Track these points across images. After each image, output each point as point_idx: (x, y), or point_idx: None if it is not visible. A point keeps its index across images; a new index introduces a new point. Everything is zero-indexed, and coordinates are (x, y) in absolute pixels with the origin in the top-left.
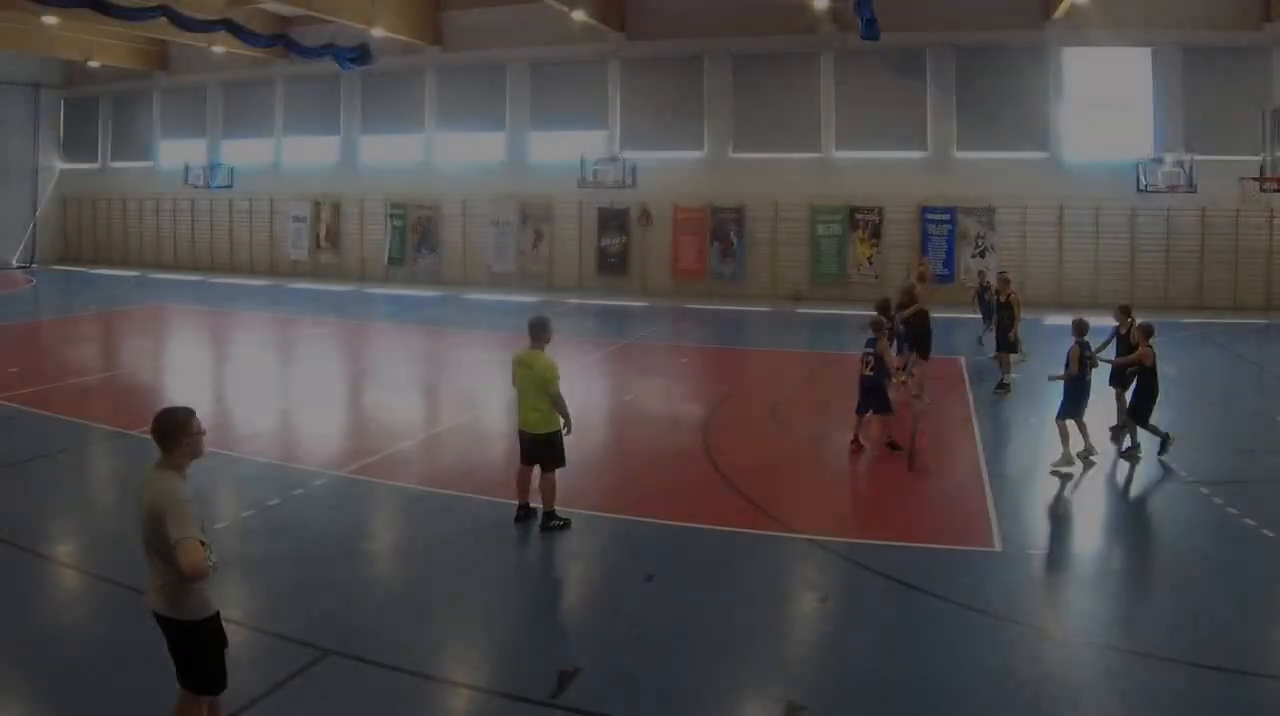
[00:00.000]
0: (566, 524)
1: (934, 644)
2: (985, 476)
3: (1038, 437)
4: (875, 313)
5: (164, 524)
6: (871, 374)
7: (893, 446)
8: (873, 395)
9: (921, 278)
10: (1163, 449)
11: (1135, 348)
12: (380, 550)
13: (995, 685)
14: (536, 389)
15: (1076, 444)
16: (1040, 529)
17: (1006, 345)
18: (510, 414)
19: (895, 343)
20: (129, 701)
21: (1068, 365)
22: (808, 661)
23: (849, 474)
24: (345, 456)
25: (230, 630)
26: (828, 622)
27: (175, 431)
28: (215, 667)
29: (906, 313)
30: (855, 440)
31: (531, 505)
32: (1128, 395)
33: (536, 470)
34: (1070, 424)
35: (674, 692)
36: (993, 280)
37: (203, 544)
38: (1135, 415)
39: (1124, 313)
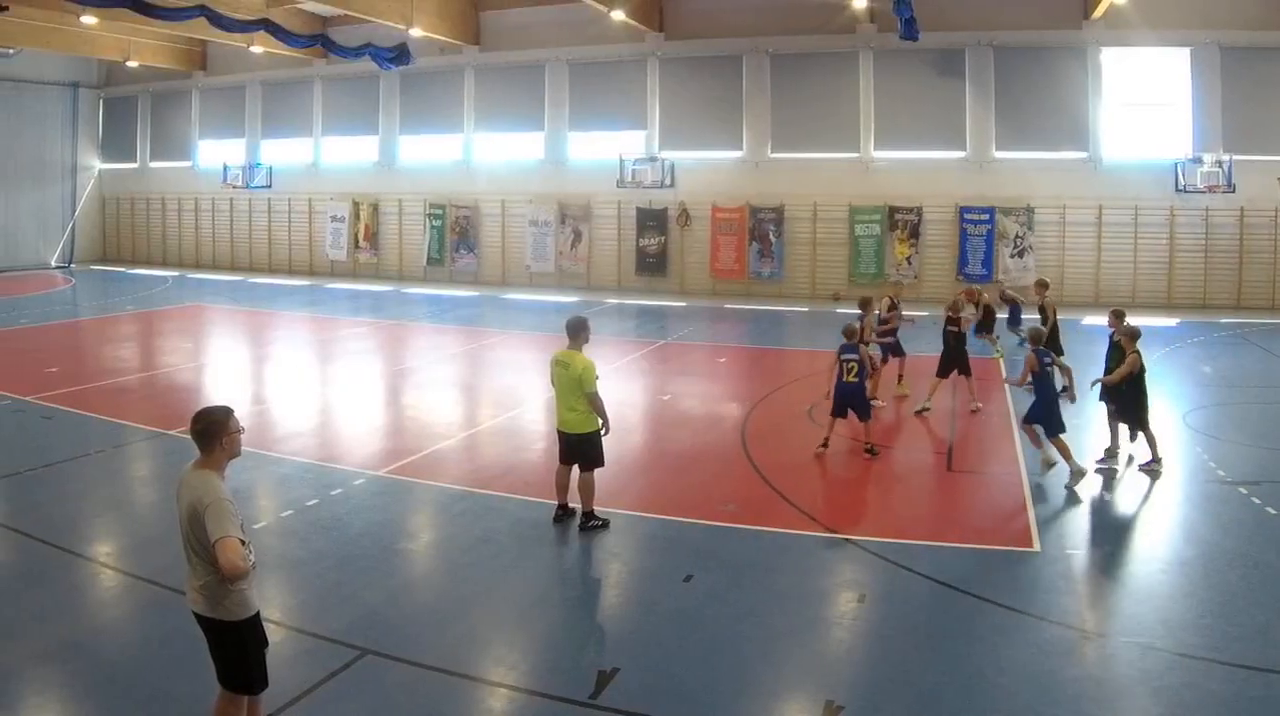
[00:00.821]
0: (605, 524)
1: (972, 643)
2: (1024, 476)
3: (1077, 439)
4: (861, 311)
5: (203, 523)
6: (855, 381)
7: (870, 451)
8: (857, 400)
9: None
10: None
11: (1124, 354)
12: (419, 550)
13: (1035, 685)
14: (573, 389)
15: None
16: (1079, 529)
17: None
18: (549, 413)
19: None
20: (168, 701)
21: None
22: (846, 661)
23: (888, 474)
24: (384, 456)
25: (270, 629)
26: (866, 622)
27: (215, 430)
28: (255, 667)
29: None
30: (825, 443)
31: (570, 505)
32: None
33: (575, 470)
34: (1045, 435)
35: (712, 692)
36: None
37: (243, 543)
38: (1140, 424)
39: (1117, 317)
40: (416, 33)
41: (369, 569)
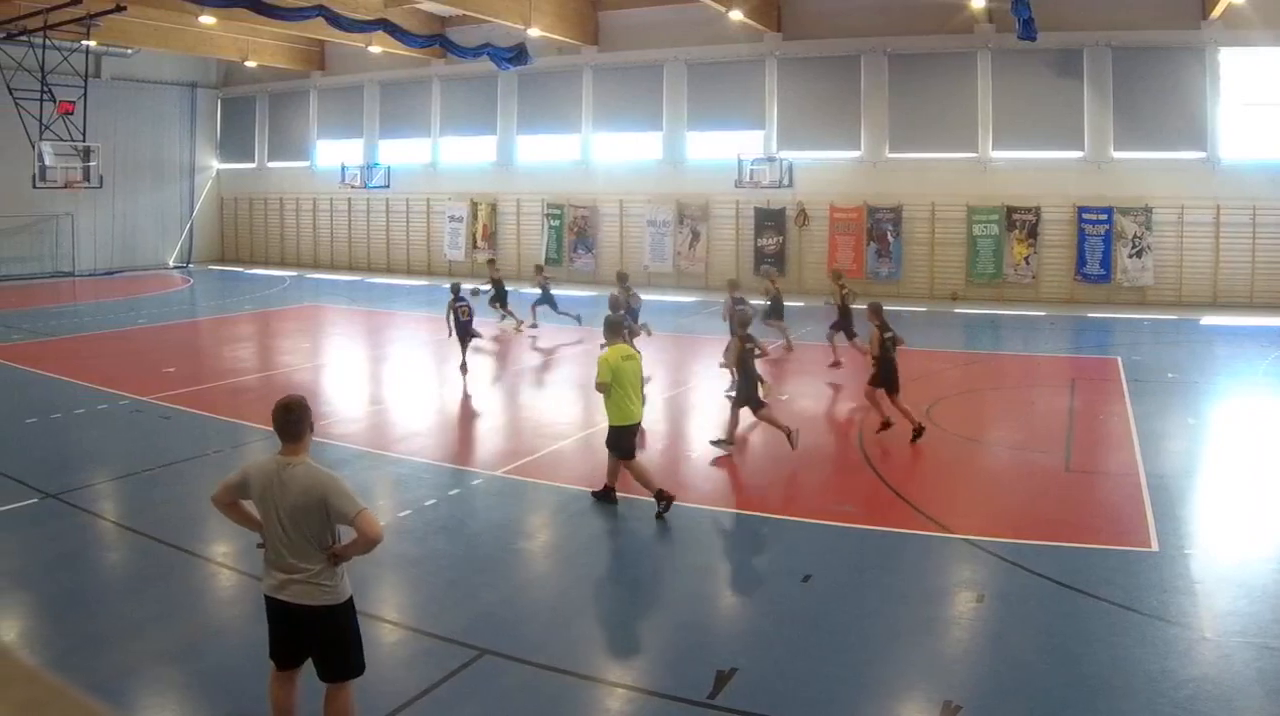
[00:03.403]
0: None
1: (1090, 644)
2: (1142, 475)
3: (1197, 437)
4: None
5: (329, 507)
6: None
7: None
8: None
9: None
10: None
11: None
12: (536, 549)
13: (1151, 685)
14: (639, 379)
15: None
16: (1198, 529)
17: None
18: (666, 413)
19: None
20: None
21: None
22: (964, 660)
23: (1005, 473)
24: (501, 456)
25: (387, 629)
26: (984, 622)
27: (306, 417)
28: (360, 648)
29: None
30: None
31: (664, 489)
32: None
33: (610, 456)
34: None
35: (831, 691)
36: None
37: None
38: (744, 404)
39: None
40: (535, 33)
41: (487, 569)
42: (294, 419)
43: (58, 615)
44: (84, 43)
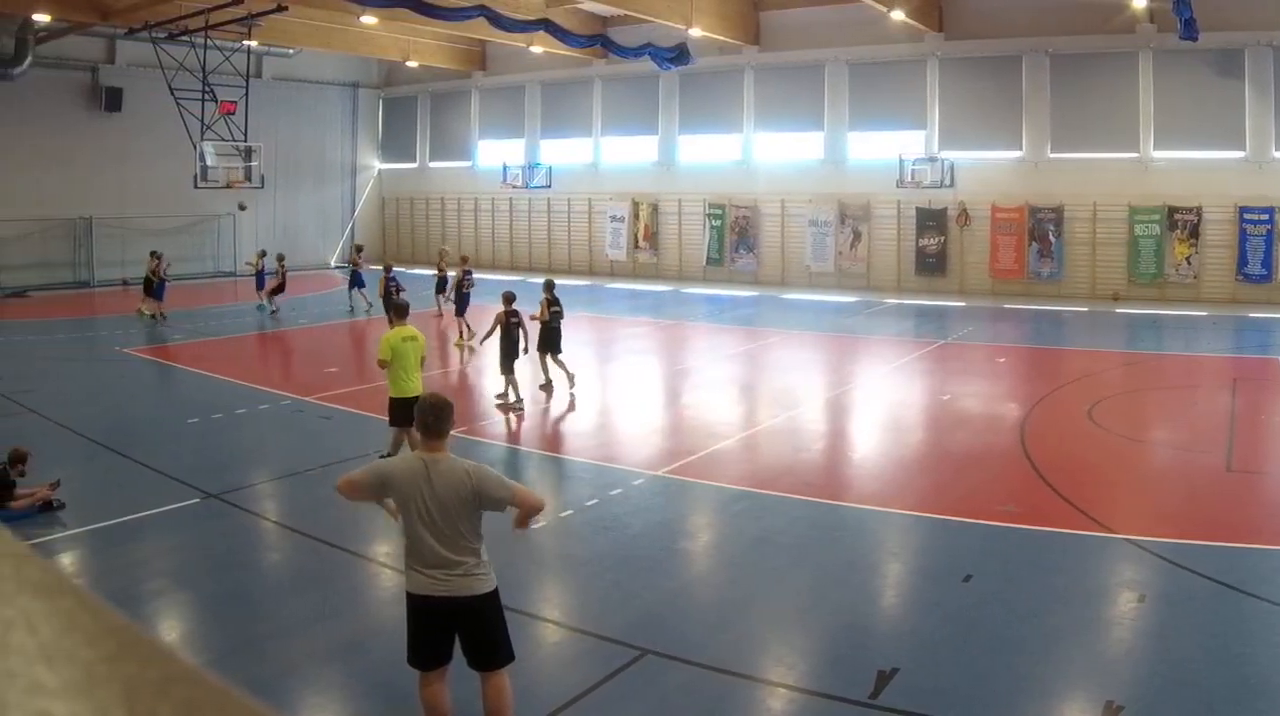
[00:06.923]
0: None
1: (1253, 644)
2: None
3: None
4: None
5: (484, 496)
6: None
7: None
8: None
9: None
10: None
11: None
12: (697, 550)
13: None
14: (417, 359)
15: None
16: None
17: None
18: (828, 413)
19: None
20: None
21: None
22: (1125, 661)
23: (1167, 473)
24: (663, 456)
25: (550, 629)
26: (1145, 622)
27: (450, 413)
28: (508, 633)
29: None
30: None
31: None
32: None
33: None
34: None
35: (992, 691)
36: None
37: None
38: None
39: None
40: (696, 33)
41: (648, 569)
42: (445, 417)
43: (220, 615)
44: (245, 43)
